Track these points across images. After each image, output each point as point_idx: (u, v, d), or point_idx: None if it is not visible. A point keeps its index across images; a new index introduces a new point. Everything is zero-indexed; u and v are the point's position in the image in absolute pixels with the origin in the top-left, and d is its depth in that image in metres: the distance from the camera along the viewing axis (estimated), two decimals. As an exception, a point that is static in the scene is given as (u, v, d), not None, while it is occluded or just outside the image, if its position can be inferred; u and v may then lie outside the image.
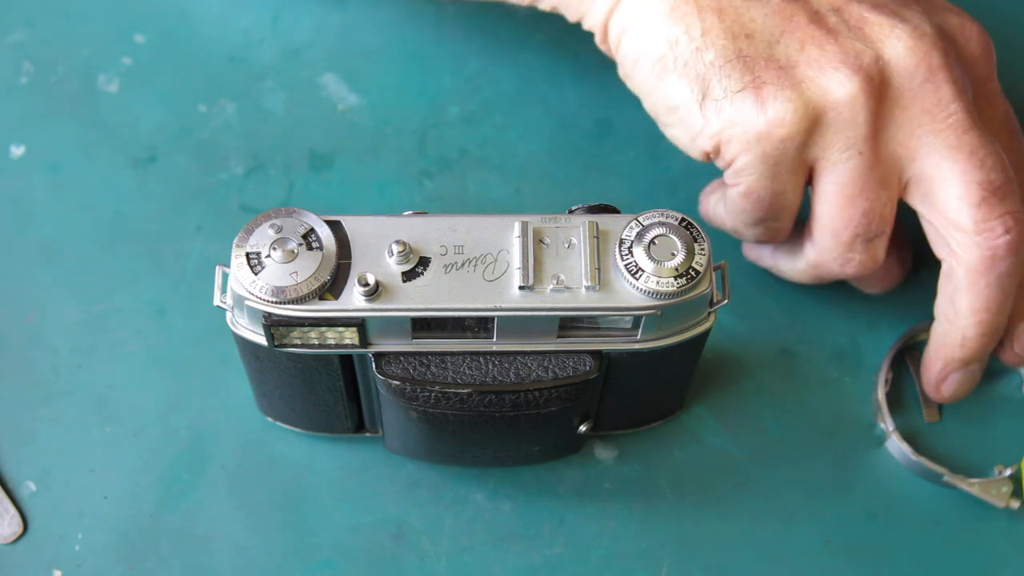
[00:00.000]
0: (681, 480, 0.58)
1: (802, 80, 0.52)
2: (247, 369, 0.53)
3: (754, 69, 0.52)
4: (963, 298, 0.54)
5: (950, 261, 0.54)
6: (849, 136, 0.52)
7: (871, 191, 0.53)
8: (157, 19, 0.66)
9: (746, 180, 0.54)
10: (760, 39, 0.52)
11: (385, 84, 0.65)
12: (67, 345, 0.59)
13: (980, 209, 0.52)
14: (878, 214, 0.53)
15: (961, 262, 0.53)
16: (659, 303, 0.48)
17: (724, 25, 0.52)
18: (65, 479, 0.57)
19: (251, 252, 0.47)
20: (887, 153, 0.53)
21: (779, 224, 0.56)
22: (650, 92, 0.54)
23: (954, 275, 0.54)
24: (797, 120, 0.52)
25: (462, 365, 0.49)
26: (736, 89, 0.52)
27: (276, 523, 0.56)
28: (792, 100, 0.52)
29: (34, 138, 0.63)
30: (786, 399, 0.59)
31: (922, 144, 0.53)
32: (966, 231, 0.53)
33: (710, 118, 0.53)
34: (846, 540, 0.57)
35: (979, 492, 0.57)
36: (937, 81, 0.52)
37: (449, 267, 0.48)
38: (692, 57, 0.53)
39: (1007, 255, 0.53)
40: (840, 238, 0.54)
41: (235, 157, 0.63)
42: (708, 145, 0.54)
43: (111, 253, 0.61)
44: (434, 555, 0.56)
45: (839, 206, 0.53)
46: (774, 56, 0.52)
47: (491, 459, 0.56)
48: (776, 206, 0.55)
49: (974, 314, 0.54)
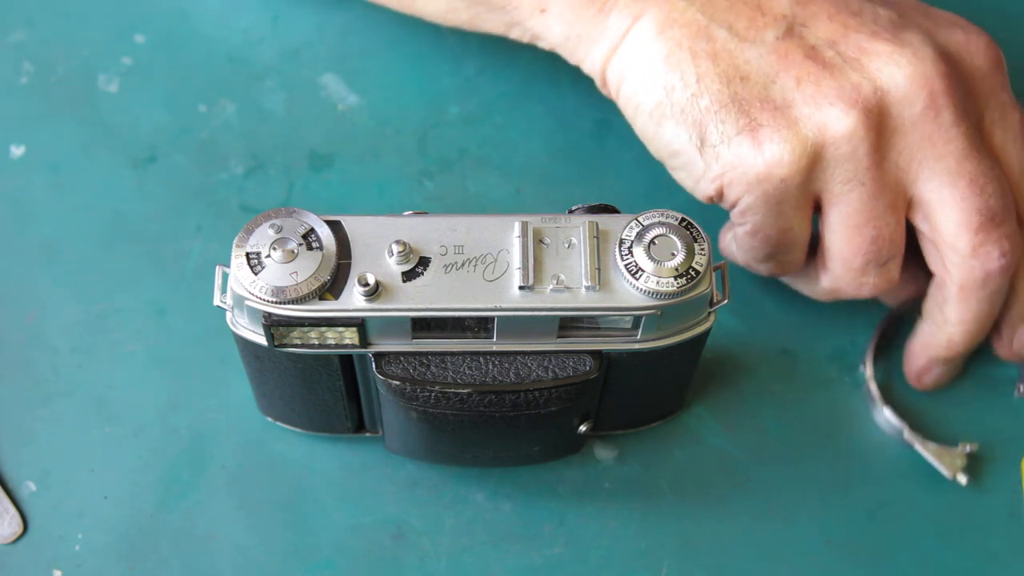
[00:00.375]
0: (681, 480, 0.58)
1: (798, 119, 0.52)
2: (247, 369, 0.53)
3: (749, 112, 0.52)
4: (953, 309, 0.55)
5: (943, 275, 0.55)
6: (850, 169, 0.52)
7: (878, 218, 0.53)
8: (157, 19, 0.66)
9: (751, 220, 0.54)
10: (755, 80, 0.53)
11: (385, 84, 0.65)
12: (67, 345, 0.59)
13: (978, 235, 0.53)
14: (887, 239, 0.54)
15: (955, 280, 0.54)
16: (659, 303, 0.48)
17: (719, 70, 0.53)
18: (65, 479, 0.57)
19: (251, 252, 0.47)
20: (891, 179, 0.53)
21: (790, 256, 0.56)
22: (651, 138, 0.55)
23: (946, 287, 0.55)
24: (796, 159, 0.52)
25: (462, 365, 0.49)
26: (733, 134, 0.52)
27: (276, 523, 0.56)
28: (789, 140, 0.52)
29: (34, 138, 0.63)
30: (786, 399, 0.59)
31: (923, 169, 0.53)
32: (963, 255, 0.53)
33: (710, 163, 0.53)
34: (846, 540, 0.57)
35: (933, 456, 0.57)
36: (938, 107, 0.52)
37: (449, 267, 0.48)
38: (688, 104, 0.53)
39: (1000, 276, 0.54)
40: (852, 265, 0.54)
41: (235, 157, 0.63)
42: (711, 189, 0.54)
43: (111, 253, 0.61)
44: (434, 555, 0.56)
45: (847, 236, 0.54)
46: (770, 96, 0.52)
47: (491, 459, 0.56)
48: (785, 241, 0.55)
49: (962, 323, 0.55)
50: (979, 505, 0.58)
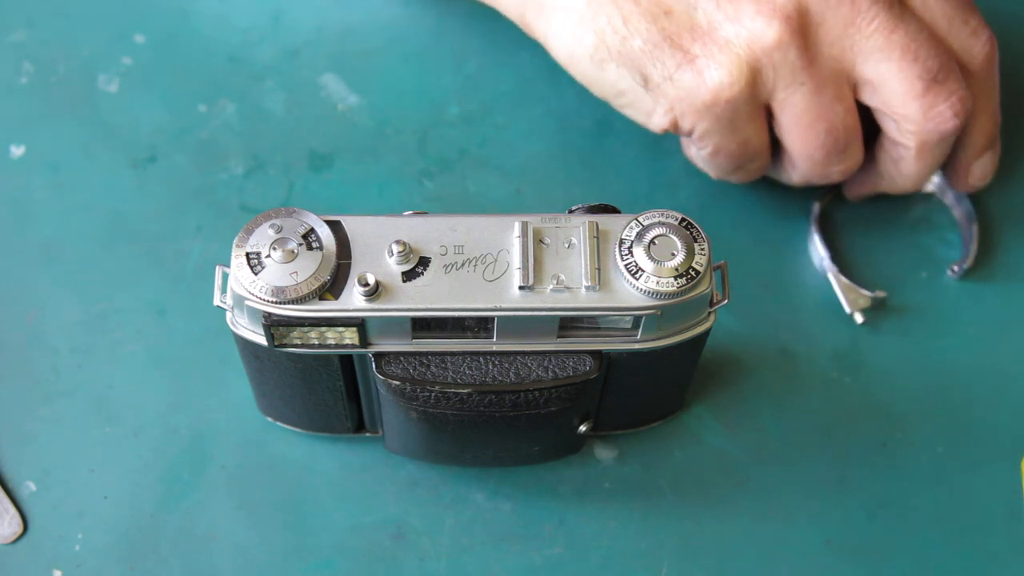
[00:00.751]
0: (681, 480, 0.58)
1: (728, 40, 0.54)
2: (247, 369, 0.53)
3: (682, 45, 0.54)
4: (910, 165, 0.58)
5: (899, 139, 0.57)
6: (787, 74, 0.55)
7: (826, 111, 0.56)
8: (157, 19, 0.66)
9: (711, 142, 0.56)
10: (679, 11, 0.55)
11: (385, 84, 0.65)
12: (67, 345, 0.59)
13: (925, 99, 0.55)
14: (841, 128, 0.56)
15: (911, 142, 0.57)
16: (659, 303, 0.48)
17: (641, 8, 0.54)
18: (65, 479, 0.57)
19: (251, 252, 0.47)
20: (828, 72, 0.55)
21: (757, 163, 0.58)
22: (594, 82, 0.57)
23: (900, 146, 0.57)
24: (736, 79, 0.54)
25: (462, 365, 0.49)
26: (673, 70, 0.55)
27: (276, 523, 0.56)
28: (725, 64, 0.54)
29: (34, 138, 0.63)
30: (786, 399, 0.59)
31: (856, 53, 0.55)
32: (917, 121, 0.56)
33: (658, 99, 0.55)
34: (846, 540, 0.57)
35: (842, 290, 0.60)
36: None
37: (449, 267, 0.48)
38: (622, 47, 0.55)
39: (954, 131, 0.57)
40: (815, 159, 0.57)
41: (235, 157, 0.63)
42: (664, 122, 0.56)
43: (111, 253, 0.61)
44: (434, 555, 0.56)
45: (802, 135, 0.56)
46: (696, 24, 0.54)
47: (491, 459, 0.56)
48: (747, 153, 0.57)
49: (918, 175, 0.59)
50: (979, 505, 0.58)
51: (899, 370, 0.60)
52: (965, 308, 0.61)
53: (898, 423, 0.59)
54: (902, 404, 0.59)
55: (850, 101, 0.56)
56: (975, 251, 0.61)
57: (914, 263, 0.62)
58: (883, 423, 0.59)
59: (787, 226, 0.62)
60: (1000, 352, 0.60)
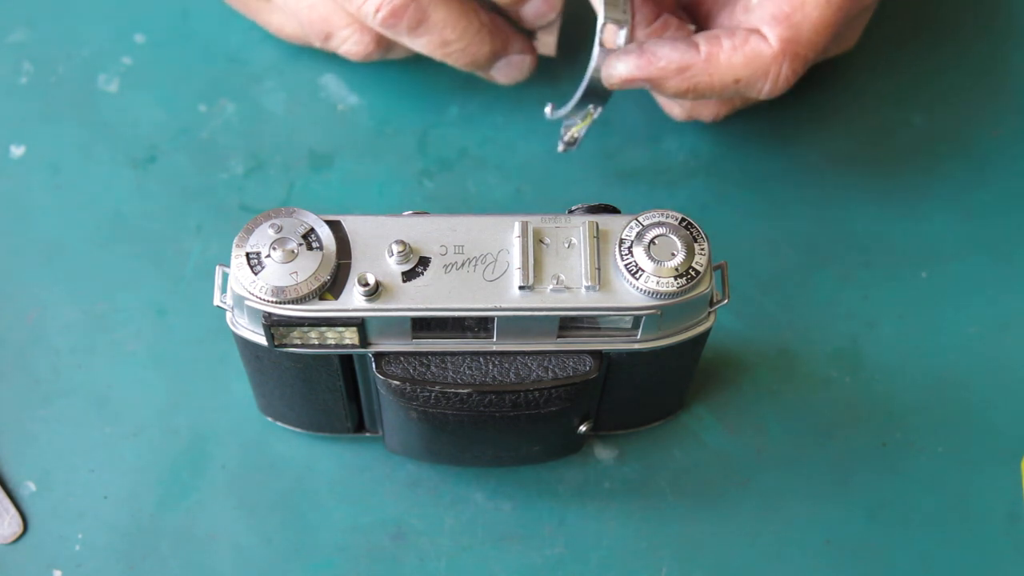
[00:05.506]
0: (681, 480, 0.58)
1: None
2: (247, 369, 0.53)
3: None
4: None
5: None
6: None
7: None
8: (157, 19, 0.66)
9: (434, 33, 0.57)
10: None
11: (385, 84, 0.65)
12: (67, 345, 0.59)
13: None
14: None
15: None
16: (659, 303, 0.48)
17: None
18: (65, 479, 0.57)
19: (251, 252, 0.47)
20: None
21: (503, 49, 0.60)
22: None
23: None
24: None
25: (462, 365, 0.49)
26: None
27: (276, 523, 0.56)
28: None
29: (34, 138, 0.63)
30: (786, 399, 0.59)
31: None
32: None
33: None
34: (846, 540, 0.57)
35: (572, 111, 0.58)
36: None
37: (449, 267, 0.48)
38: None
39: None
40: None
41: (235, 157, 0.63)
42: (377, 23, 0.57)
43: (111, 253, 0.61)
44: (434, 555, 0.56)
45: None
46: None
47: (491, 459, 0.56)
48: (473, 25, 0.58)
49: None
50: (979, 505, 0.58)
51: (899, 370, 0.60)
52: (965, 308, 0.61)
53: (898, 423, 0.59)
54: (902, 404, 0.59)
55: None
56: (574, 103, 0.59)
57: (916, 262, 0.62)
58: (883, 423, 0.59)
59: (787, 226, 0.62)
60: (1000, 352, 0.60)
